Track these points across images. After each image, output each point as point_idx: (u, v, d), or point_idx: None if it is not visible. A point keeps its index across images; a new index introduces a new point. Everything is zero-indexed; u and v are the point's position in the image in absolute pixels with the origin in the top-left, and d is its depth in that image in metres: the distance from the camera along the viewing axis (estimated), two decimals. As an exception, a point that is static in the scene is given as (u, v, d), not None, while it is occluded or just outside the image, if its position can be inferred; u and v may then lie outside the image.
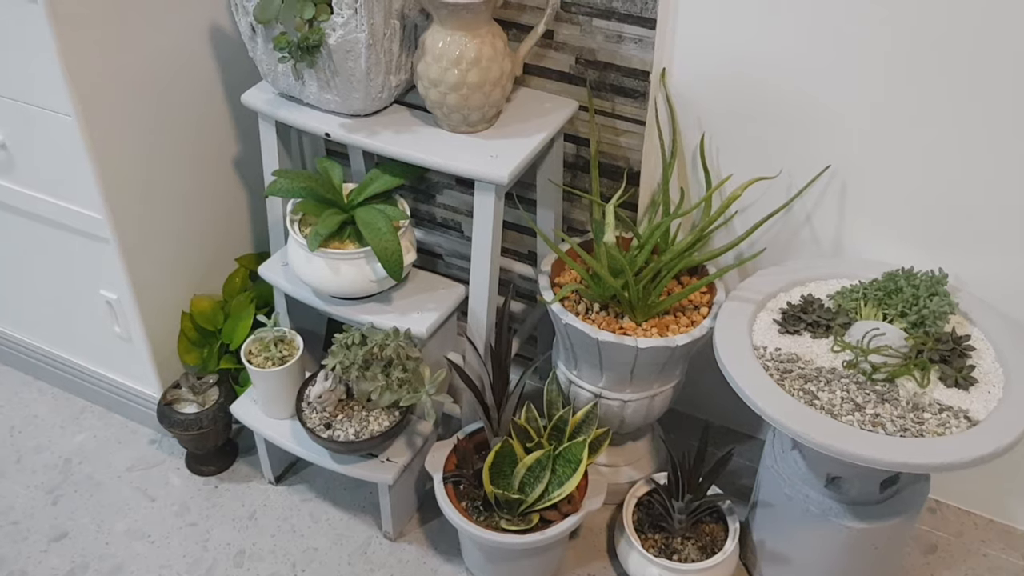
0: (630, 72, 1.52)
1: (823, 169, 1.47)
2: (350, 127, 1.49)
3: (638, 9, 1.45)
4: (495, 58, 1.41)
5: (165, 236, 1.70)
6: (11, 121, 1.55)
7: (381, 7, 1.38)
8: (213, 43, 1.67)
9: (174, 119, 1.64)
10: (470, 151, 1.44)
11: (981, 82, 1.30)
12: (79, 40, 1.41)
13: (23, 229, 1.72)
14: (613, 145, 1.61)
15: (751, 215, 1.56)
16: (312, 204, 1.51)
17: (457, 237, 1.90)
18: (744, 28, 1.40)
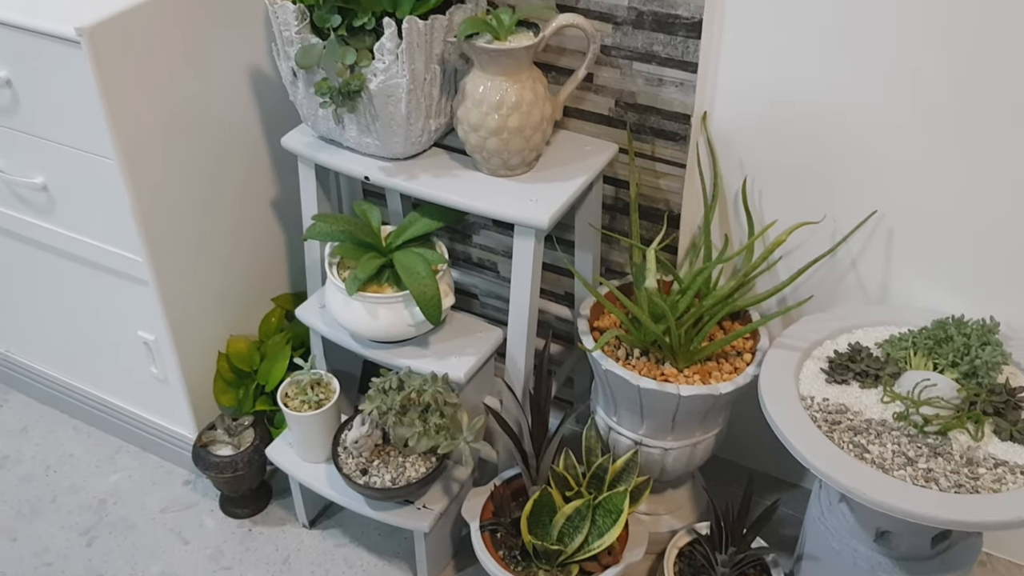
0: (671, 115, 1.50)
1: (869, 215, 1.44)
2: (389, 170, 1.48)
3: (679, 53, 1.44)
4: (536, 103, 1.40)
5: (202, 277, 1.70)
6: (53, 164, 1.56)
7: (422, 53, 1.37)
8: (253, 86, 1.68)
9: (213, 161, 1.65)
10: (510, 195, 1.43)
11: (1034, 127, 1.27)
12: (121, 83, 1.42)
13: (62, 270, 1.73)
14: (653, 188, 1.59)
15: (794, 259, 1.54)
16: (351, 248, 1.51)
17: (493, 277, 1.89)
18: (787, 72, 1.39)
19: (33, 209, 1.67)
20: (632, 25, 1.45)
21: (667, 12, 1.41)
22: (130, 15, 1.41)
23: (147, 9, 1.43)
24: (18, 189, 1.65)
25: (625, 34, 1.47)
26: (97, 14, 1.37)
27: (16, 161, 1.61)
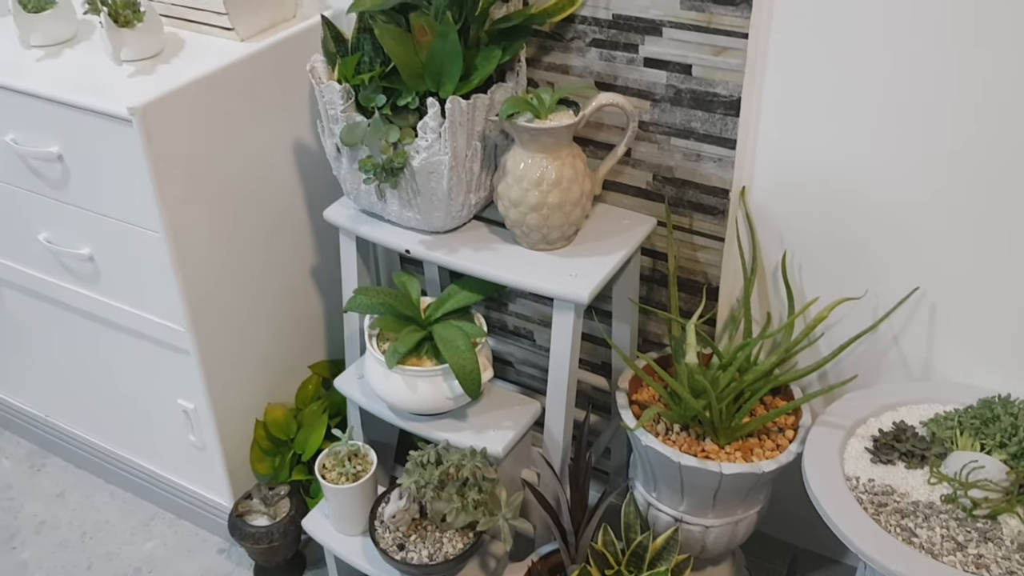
0: (709, 189, 1.51)
1: (911, 292, 1.43)
2: (430, 244, 1.50)
3: (718, 130, 1.45)
4: (575, 179, 1.41)
5: (242, 345, 1.72)
6: (100, 235, 1.60)
7: (464, 131, 1.40)
8: (296, 159, 1.71)
9: (255, 231, 1.67)
10: (549, 269, 1.43)
11: (1079, 207, 1.26)
12: (169, 159, 1.46)
13: (105, 338, 1.75)
14: (691, 260, 1.59)
15: (835, 333, 1.53)
16: (391, 320, 1.52)
17: (529, 345, 1.89)
18: (825, 147, 1.39)
19: (78, 278, 1.69)
20: (670, 102, 1.47)
21: (705, 90, 1.43)
22: (179, 94, 1.45)
23: (195, 88, 1.47)
24: (65, 259, 1.68)
25: (663, 111, 1.48)
26: (148, 94, 1.41)
27: (64, 232, 1.64)
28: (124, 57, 1.51)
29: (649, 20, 1.42)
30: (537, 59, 1.56)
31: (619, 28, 1.45)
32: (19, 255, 1.76)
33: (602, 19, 1.46)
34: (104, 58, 1.54)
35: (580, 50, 1.51)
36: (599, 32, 1.48)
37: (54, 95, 1.46)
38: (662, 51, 1.43)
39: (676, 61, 1.43)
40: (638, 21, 1.43)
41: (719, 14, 1.36)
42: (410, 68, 1.38)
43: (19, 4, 1.57)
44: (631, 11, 1.43)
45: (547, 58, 1.55)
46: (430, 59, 1.38)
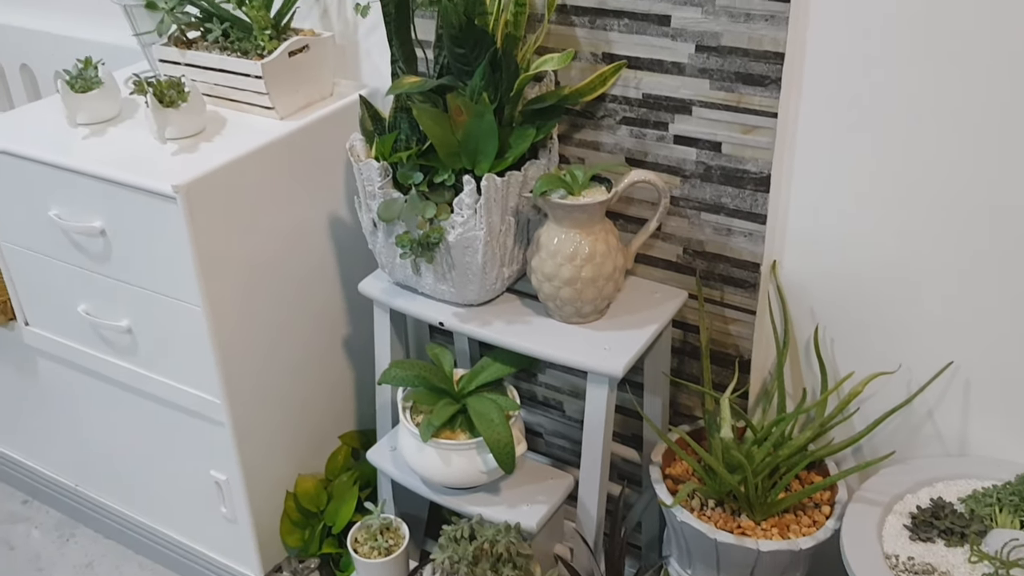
0: (740, 263, 1.53)
1: (945, 366, 1.43)
2: (463, 316, 1.52)
3: (748, 205, 1.47)
4: (609, 254, 1.43)
5: (275, 416, 1.73)
6: (139, 307, 1.62)
7: (498, 207, 1.42)
8: (331, 232, 1.75)
9: (289, 303, 1.70)
10: (583, 342, 1.44)
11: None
12: (209, 234, 1.49)
13: (140, 408, 1.77)
14: (722, 333, 1.60)
15: (869, 407, 1.52)
16: (425, 393, 1.53)
17: (559, 416, 1.89)
18: (858, 223, 1.41)
19: (115, 350, 1.72)
20: (700, 178, 1.49)
21: (735, 167, 1.45)
22: (221, 171, 1.48)
23: (237, 165, 1.51)
24: (103, 331, 1.70)
25: (693, 186, 1.51)
26: (191, 172, 1.45)
27: (103, 304, 1.67)
28: (168, 136, 1.56)
29: (679, 100, 1.45)
30: (568, 136, 1.59)
31: (649, 107, 1.49)
32: (57, 326, 1.79)
33: (632, 98, 1.50)
34: (148, 136, 1.59)
35: (611, 127, 1.54)
36: (629, 111, 1.51)
37: (100, 172, 1.50)
38: (692, 129, 1.46)
39: (706, 139, 1.46)
40: (668, 100, 1.46)
41: (748, 94, 1.39)
42: (447, 147, 1.42)
43: (67, 84, 1.62)
44: (661, 91, 1.46)
45: (578, 135, 1.58)
46: (466, 138, 1.41)
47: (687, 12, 1.38)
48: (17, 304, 1.83)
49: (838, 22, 1.30)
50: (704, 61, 1.40)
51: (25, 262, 1.74)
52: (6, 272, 1.80)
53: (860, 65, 1.31)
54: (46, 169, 1.56)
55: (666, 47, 1.42)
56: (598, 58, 1.49)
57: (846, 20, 1.29)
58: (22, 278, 1.78)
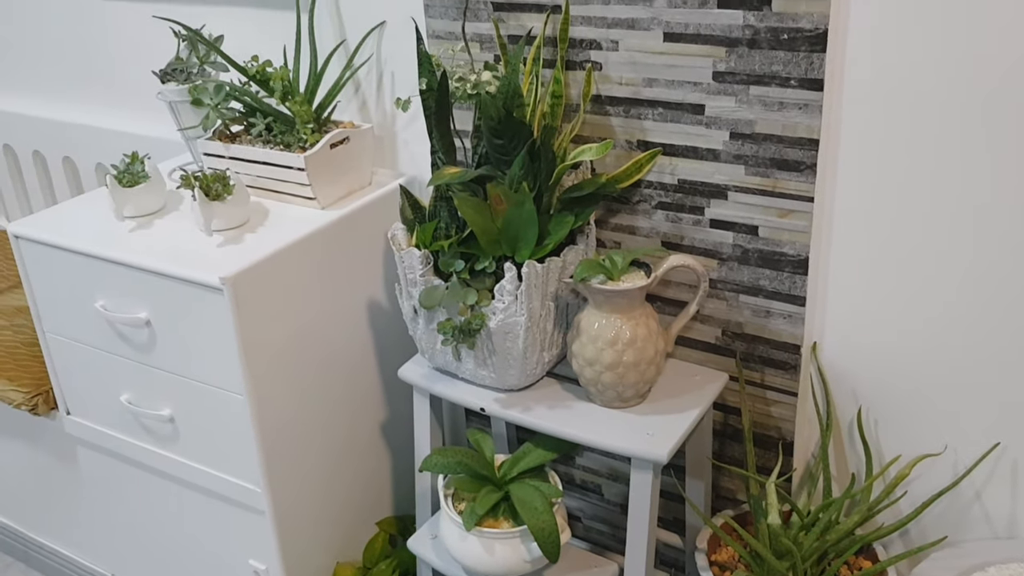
0: (780, 345, 1.53)
1: (991, 447, 1.42)
2: (504, 402, 1.52)
3: (787, 288, 1.48)
4: (649, 338, 1.44)
5: (314, 504, 1.73)
6: (182, 397, 1.64)
7: (539, 292, 1.44)
8: (370, 318, 1.77)
9: (329, 390, 1.71)
10: (626, 428, 1.44)
11: None
12: (253, 323, 1.51)
13: (179, 497, 1.77)
14: (764, 415, 1.59)
15: (915, 489, 1.51)
16: (467, 481, 1.52)
17: (597, 500, 1.88)
18: (899, 304, 1.41)
19: (157, 438, 1.73)
20: (738, 261, 1.51)
21: (773, 250, 1.47)
22: (266, 262, 1.51)
23: (281, 256, 1.54)
24: (145, 420, 1.72)
25: (731, 269, 1.52)
26: (238, 263, 1.48)
27: (146, 394, 1.69)
28: (214, 228, 1.59)
29: (715, 185, 1.48)
30: (605, 220, 1.61)
31: (685, 192, 1.51)
32: (99, 415, 1.80)
33: (668, 184, 1.52)
34: (193, 228, 1.63)
35: (647, 212, 1.57)
36: (665, 196, 1.53)
37: (148, 265, 1.53)
38: (728, 213, 1.48)
39: (742, 223, 1.48)
40: (704, 186, 1.49)
41: (784, 179, 1.41)
42: (487, 235, 1.44)
43: (115, 179, 1.67)
44: (697, 177, 1.49)
45: (615, 219, 1.61)
46: (506, 226, 1.44)
47: (721, 101, 1.41)
48: (59, 394, 1.85)
49: (871, 107, 1.32)
50: (739, 148, 1.42)
51: (69, 352, 1.77)
52: (50, 362, 1.83)
53: (895, 149, 1.33)
54: (94, 262, 1.60)
55: (701, 134, 1.45)
56: (633, 145, 1.53)
57: (878, 105, 1.31)
58: (65, 368, 1.81)
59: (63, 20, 2.22)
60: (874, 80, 1.31)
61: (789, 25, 1.31)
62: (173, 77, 1.78)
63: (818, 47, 1.30)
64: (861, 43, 1.30)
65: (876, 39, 1.28)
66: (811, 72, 1.32)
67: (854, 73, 1.31)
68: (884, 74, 1.30)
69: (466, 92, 1.42)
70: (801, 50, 1.31)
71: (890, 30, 1.27)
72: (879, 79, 1.30)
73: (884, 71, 1.29)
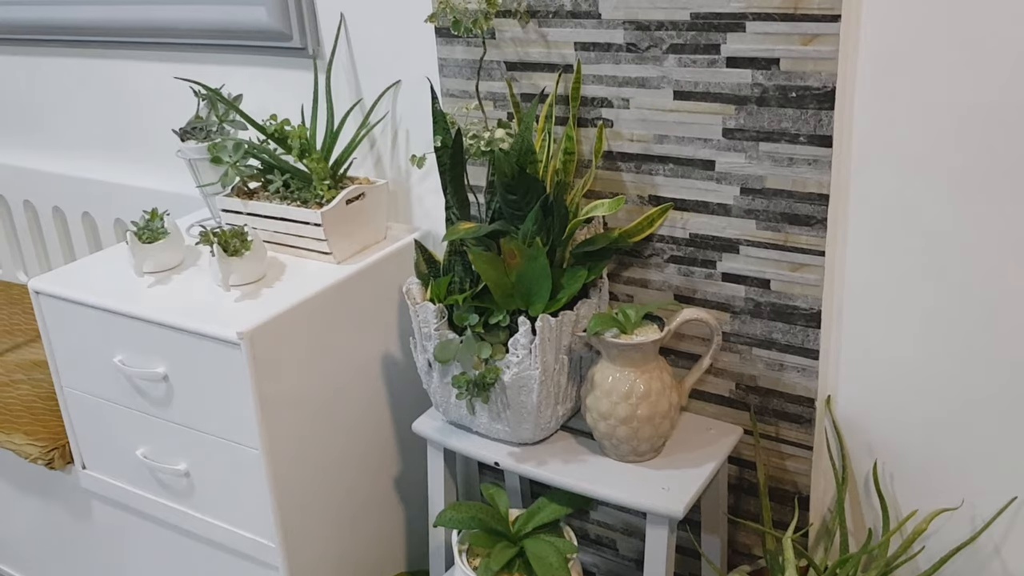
0: (794, 398, 1.53)
1: (1009, 501, 1.41)
2: (518, 456, 1.52)
3: (799, 341, 1.49)
4: (663, 392, 1.44)
5: (328, 558, 1.72)
6: (197, 451, 1.65)
7: (552, 346, 1.45)
8: (384, 371, 1.78)
9: (344, 444, 1.72)
10: (641, 482, 1.44)
11: None
12: (269, 378, 1.52)
13: (193, 552, 1.77)
14: (779, 469, 1.59)
15: (933, 543, 1.49)
16: (482, 536, 1.52)
17: (612, 555, 1.86)
18: (913, 355, 1.42)
19: (172, 493, 1.73)
20: (750, 314, 1.52)
21: (785, 303, 1.47)
22: (283, 317, 1.53)
23: (297, 310, 1.56)
24: (160, 474, 1.72)
25: (743, 322, 1.53)
26: (255, 318, 1.50)
27: (161, 448, 1.70)
28: (232, 283, 1.61)
29: (726, 239, 1.49)
30: (617, 274, 1.63)
31: (696, 246, 1.53)
32: (115, 470, 1.81)
33: (679, 238, 1.54)
34: (211, 283, 1.65)
35: (659, 266, 1.58)
36: (677, 249, 1.55)
37: (167, 320, 1.55)
38: (740, 267, 1.50)
39: (754, 276, 1.49)
40: (715, 240, 1.50)
41: (795, 234, 1.42)
42: (501, 289, 1.46)
43: (135, 235, 1.69)
44: (708, 231, 1.50)
45: (627, 273, 1.62)
46: (520, 280, 1.45)
47: (731, 157, 1.43)
48: (75, 448, 1.86)
49: (881, 164, 1.34)
50: (749, 203, 1.44)
51: (86, 407, 1.78)
52: (67, 416, 1.84)
53: (905, 204, 1.34)
54: (113, 317, 1.62)
55: (711, 189, 1.47)
56: (644, 200, 1.54)
57: (891, 161, 1.33)
58: (82, 422, 1.82)
59: (84, 79, 2.27)
60: (882, 136, 1.32)
61: (797, 83, 1.34)
62: (193, 135, 1.82)
63: (826, 104, 1.32)
64: (869, 100, 1.32)
65: (884, 95, 1.31)
66: (820, 129, 1.34)
67: (862, 129, 1.33)
68: (892, 130, 1.32)
69: (480, 149, 1.45)
70: (810, 107, 1.34)
71: (898, 87, 1.29)
72: (887, 135, 1.32)
73: (892, 127, 1.31)
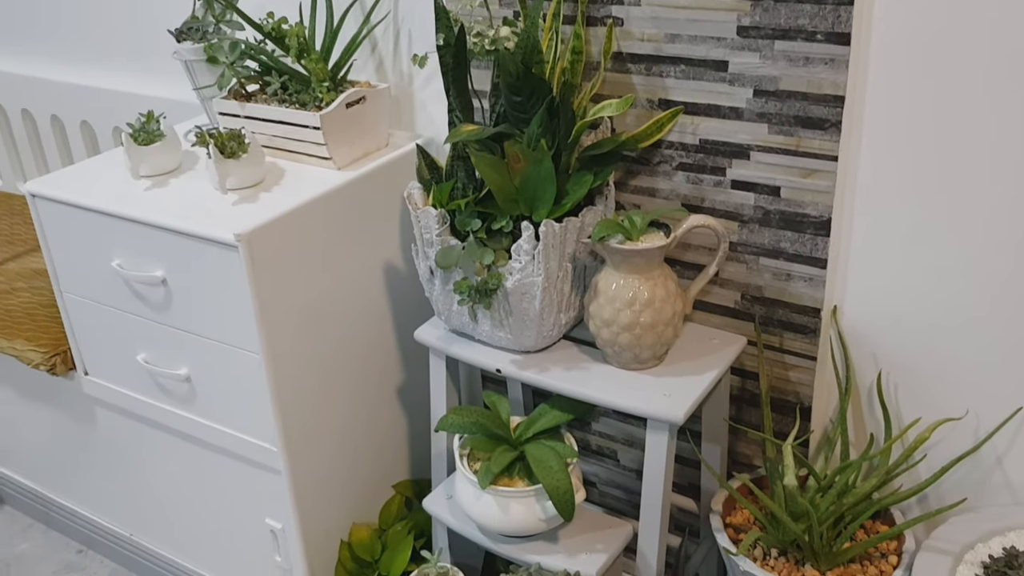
0: (800, 309, 1.51)
1: (1013, 412, 1.40)
2: (521, 363, 1.51)
3: (808, 250, 1.46)
4: (667, 299, 1.42)
5: (330, 464, 1.73)
6: (198, 356, 1.64)
7: (556, 253, 1.43)
8: (386, 280, 1.76)
9: (345, 351, 1.71)
10: (642, 389, 1.43)
11: None
12: (269, 282, 1.51)
13: (196, 457, 1.77)
14: (782, 379, 1.58)
15: (935, 454, 1.49)
16: (483, 440, 1.52)
17: (613, 466, 1.87)
18: (922, 266, 1.39)
19: (174, 398, 1.73)
20: (759, 223, 1.49)
21: (795, 211, 1.44)
22: (282, 220, 1.51)
23: (296, 214, 1.53)
24: (161, 379, 1.72)
25: (752, 231, 1.50)
26: (252, 221, 1.47)
27: (162, 353, 1.69)
28: (229, 186, 1.59)
29: (737, 144, 1.45)
30: (624, 182, 1.60)
31: (706, 152, 1.49)
32: (116, 376, 1.81)
33: (689, 144, 1.50)
34: (209, 187, 1.62)
35: (667, 173, 1.55)
36: (686, 156, 1.51)
37: (163, 222, 1.53)
38: (750, 174, 1.46)
39: (764, 183, 1.45)
40: (725, 146, 1.47)
41: (808, 138, 1.39)
42: (505, 193, 1.43)
43: (131, 137, 1.66)
44: (719, 136, 1.46)
45: (634, 181, 1.59)
46: (524, 185, 1.42)
47: (745, 57, 1.38)
48: (77, 354, 1.86)
49: (899, 64, 1.29)
50: (762, 106, 1.40)
51: (86, 312, 1.77)
52: (67, 322, 1.83)
53: (922, 108, 1.30)
54: (111, 220, 1.60)
55: (723, 92, 1.43)
56: (654, 104, 1.50)
57: (907, 61, 1.29)
58: (83, 328, 1.81)
59: (80, -19, 2.21)
60: (903, 34, 1.28)
61: (815, -21, 1.29)
62: (189, 36, 1.77)
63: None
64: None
65: (904, -7, 1.26)
66: (838, 26, 1.29)
67: (882, 26, 1.29)
68: (913, 27, 1.27)
69: (484, 48, 1.40)
70: (828, 2, 1.29)
71: (919, -16, 1.24)
72: (908, 33, 1.27)
73: (914, 24, 1.26)
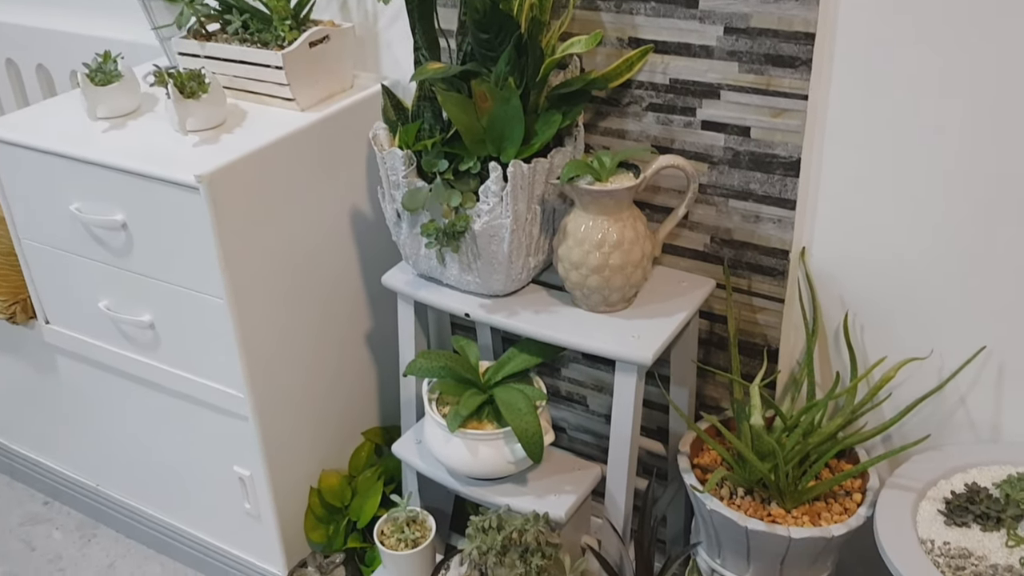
0: (768, 251, 1.51)
1: (977, 351, 1.41)
2: (489, 307, 1.50)
3: (777, 191, 1.46)
4: (636, 241, 1.42)
5: (298, 411, 1.72)
6: (161, 302, 1.61)
7: (525, 194, 1.41)
8: (352, 224, 1.74)
9: (311, 297, 1.69)
10: (611, 331, 1.43)
11: None
12: (232, 225, 1.48)
13: (162, 405, 1.76)
14: (750, 322, 1.58)
15: (900, 394, 1.51)
16: (451, 384, 1.51)
17: (582, 411, 1.88)
18: (889, 208, 1.39)
19: (137, 346, 1.71)
20: (729, 164, 1.48)
21: (764, 152, 1.44)
22: (243, 162, 1.48)
23: (258, 156, 1.50)
24: (124, 326, 1.69)
25: (721, 173, 1.49)
26: (214, 162, 1.44)
27: (124, 300, 1.66)
28: (189, 127, 1.55)
29: (707, 84, 1.44)
30: (594, 124, 1.58)
31: (676, 92, 1.47)
32: (78, 323, 1.78)
33: (659, 84, 1.48)
34: (169, 128, 1.58)
35: (637, 115, 1.53)
36: (656, 96, 1.50)
37: (122, 164, 1.49)
38: (720, 114, 1.45)
39: (734, 124, 1.44)
40: (696, 85, 1.45)
41: (778, 76, 1.37)
42: (472, 133, 1.40)
43: (87, 77, 1.61)
44: (689, 76, 1.45)
45: (603, 123, 1.57)
46: (491, 124, 1.40)
47: (715, -6, 1.36)
48: (37, 302, 1.83)
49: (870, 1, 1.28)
50: (733, 44, 1.38)
51: (46, 259, 1.74)
52: (26, 270, 1.79)
53: (893, 46, 1.29)
54: (67, 163, 1.56)
55: (694, 30, 1.41)
56: (624, 43, 1.48)
57: None
58: (42, 275, 1.77)
59: (31, -83, 2.13)
60: (872, -29, 1.26)
61: (786, -88, 1.26)
62: (146, -28, 1.71)
63: (815, -64, 1.26)
64: (860, -68, 1.25)
65: (876, -73, 1.24)
66: (808, -39, 1.27)
67: (852, -36, 1.27)
68: (883, -35, 1.25)
69: (450, -17, 1.37)
70: (798, -62, 1.27)
71: (890, -83, 1.22)
72: (877, -30, 1.26)
73: (883, -38, 1.25)
